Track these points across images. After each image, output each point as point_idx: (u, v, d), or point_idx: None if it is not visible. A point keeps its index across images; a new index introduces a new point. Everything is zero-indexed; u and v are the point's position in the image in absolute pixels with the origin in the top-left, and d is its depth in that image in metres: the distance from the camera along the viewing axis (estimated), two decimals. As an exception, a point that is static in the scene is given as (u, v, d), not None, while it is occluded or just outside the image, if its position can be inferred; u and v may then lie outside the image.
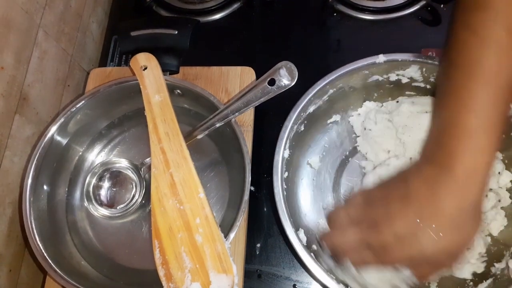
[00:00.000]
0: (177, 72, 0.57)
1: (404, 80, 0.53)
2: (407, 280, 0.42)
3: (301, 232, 0.48)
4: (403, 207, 0.36)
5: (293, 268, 0.54)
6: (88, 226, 0.55)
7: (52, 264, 0.46)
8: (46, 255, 0.46)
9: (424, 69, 0.50)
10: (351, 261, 0.41)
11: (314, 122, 0.54)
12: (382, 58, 0.50)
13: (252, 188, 0.57)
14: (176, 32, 0.55)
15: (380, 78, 0.53)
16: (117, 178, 0.55)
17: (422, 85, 0.53)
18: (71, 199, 0.55)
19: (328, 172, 0.56)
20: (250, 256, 0.54)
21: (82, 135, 0.57)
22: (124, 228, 0.54)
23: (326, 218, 0.51)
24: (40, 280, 0.57)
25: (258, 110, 0.57)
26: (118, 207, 0.54)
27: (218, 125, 0.49)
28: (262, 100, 0.46)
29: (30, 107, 0.55)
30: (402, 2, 0.67)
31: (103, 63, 0.69)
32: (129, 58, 0.55)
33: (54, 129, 0.52)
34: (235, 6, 0.71)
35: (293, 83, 0.45)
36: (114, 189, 0.55)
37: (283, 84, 0.45)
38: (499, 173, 0.49)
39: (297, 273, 0.53)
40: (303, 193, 0.55)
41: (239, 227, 0.45)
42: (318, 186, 0.55)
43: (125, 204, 0.54)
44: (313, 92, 0.51)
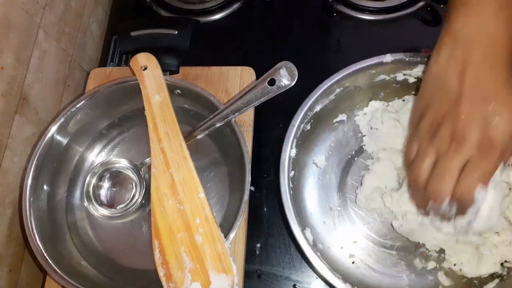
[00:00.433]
0: (177, 72, 0.57)
1: (411, 80, 0.52)
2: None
3: (307, 231, 0.48)
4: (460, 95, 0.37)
5: (293, 268, 0.54)
6: (88, 226, 0.55)
7: (52, 264, 0.46)
8: (46, 255, 0.46)
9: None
10: (437, 186, 0.39)
11: (320, 122, 0.54)
12: (389, 57, 0.50)
13: (252, 188, 0.57)
14: (176, 32, 0.55)
15: (387, 78, 0.53)
16: (117, 178, 0.55)
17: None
18: (71, 199, 0.55)
19: (334, 172, 0.56)
20: (250, 256, 0.54)
21: (82, 135, 0.57)
22: (124, 228, 0.54)
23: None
24: (40, 280, 0.57)
25: (258, 110, 0.57)
26: (118, 207, 0.54)
27: (218, 125, 0.49)
28: (262, 100, 0.46)
29: (30, 107, 0.55)
30: (402, 2, 0.67)
31: (103, 63, 0.69)
32: (129, 58, 0.55)
33: (54, 129, 0.52)
34: (235, 6, 0.71)
35: (293, 83, 0.45)
36: (114, 189, 0.55)
37: (283, 84, 0.45)
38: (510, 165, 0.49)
39: (297, 273, 0.53)
40: (309, 192, 0.55)
41: (239, 227, 0.45)
42: (324, 186, 0.55)
43: (125, 204, 0.54)
44: (320, 91, 0.51)
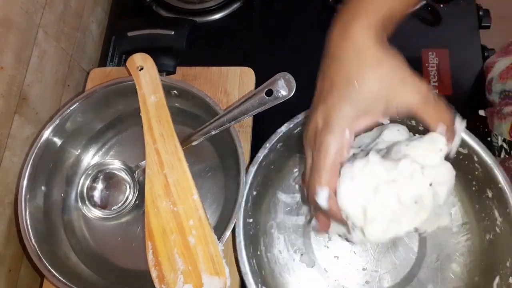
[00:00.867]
0: (173, 72, 0.57)
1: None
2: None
3: None
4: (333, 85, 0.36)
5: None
6: (83, 227, 0.55)
7: (47, 264, 0.46)
8: (41, 255, 0.46)
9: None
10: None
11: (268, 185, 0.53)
12: None
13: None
14: (173, 33, 0.56)
15: None
16: (111, 180, 0.55)
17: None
18: (67, 200, 0.56)
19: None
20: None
21: (78, 135, 0.57)
22: (119, 229, 0.55)
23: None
24: (39, 280, 0.57)
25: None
26: (112, 209, 0.54)
27: (213, 132, 0.49)
28: (259, 110, 0.47)
29: (30, 107, 0.55)
30: (403, 2, 0.66)
31: (102, 63, 0.69)
32: (126, 58, 0.55)
33: (50, 129, 0.52)
34: (235, 6, 0.71)
35: (290, 95, 0.45)
36: (108, 190, 0.55)
37: (281, 95, 0.45)
38: None
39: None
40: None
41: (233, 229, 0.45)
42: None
43: (118, 205, 0.54)
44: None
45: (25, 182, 0.50)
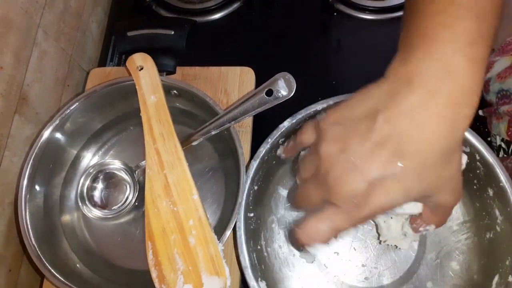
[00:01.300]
0: (173, 72, 0.57)
1: None
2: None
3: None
4: (376, 148, 0.29)
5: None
6: (83, 227, 0.55)
7: (47, 264, 0.46)
8: (41, 255, 0.46)
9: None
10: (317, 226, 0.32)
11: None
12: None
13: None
14: (173, 33, 0.55)
15: None
16: (110, 180, 0.55)
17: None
18: (67, 200, 0.56)
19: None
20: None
21: (78, 135, 0.57)
22: (119, 229, 0.55)
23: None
24: (39, 280, 0.57)
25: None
26: (112, 208, 0.54)
27: (213, 132, 0.49)
28: (259, 110, 0.46)
29: (30, 107, 0.55)
30: (402, 1, 0.66)
31: (102, 63, 0.69)
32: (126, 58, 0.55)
33: (50, 129, 0.52)
34: (235, 5, 0.71)
35: (291, 95, 0.45)
36: (108, 190, 0.55)
37: (281, 96, 0.45)
38: None
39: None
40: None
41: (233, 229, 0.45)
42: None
43: (118, 205, 0.54)
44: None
45: (25, 182, 0.49)
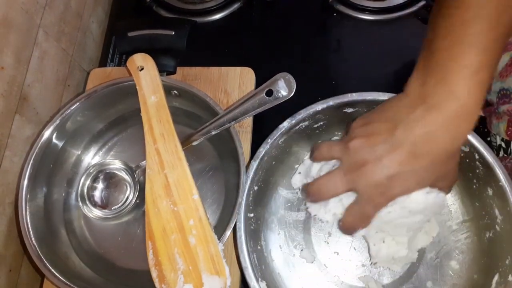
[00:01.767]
0: (174, 72, 0.57)
1: None
2: None
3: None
4: (397, 149, 0.37)
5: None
6: (84, 227, 0.55)
7: (47, 264, 0.46)
8: (41, 255, 0.46)
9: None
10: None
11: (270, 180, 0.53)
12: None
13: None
14: (173, 33, 0.55)
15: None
16: (111, 180, 0.55)
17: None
18: (68, 200, 0.56)
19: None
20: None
21: (79, 135, 0.57)
22: (119, 229, 0.55)
23: (310, 151, 0.47)
24: (39, 280, 0.57)
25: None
26: (112, 208, 0.54)
27: (214, 132, 0.49)
28: (259, 110, 0.46)
29: (30, 107, 0.55)
30: (402, 2, 0.67)
31: (103, 63, 0.69)
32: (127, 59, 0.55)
33: (50, 129, 0.52)
34: (235, 6, 0.71)
35: (291, 95, 0.45)
36: (108, 190, 0.55)
37: (281, 96, 0.45)
38: None
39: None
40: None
41: (233, 229, 0.45)
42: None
43: (119, 205, 0.54)
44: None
45: (25, 182, 0.49)
